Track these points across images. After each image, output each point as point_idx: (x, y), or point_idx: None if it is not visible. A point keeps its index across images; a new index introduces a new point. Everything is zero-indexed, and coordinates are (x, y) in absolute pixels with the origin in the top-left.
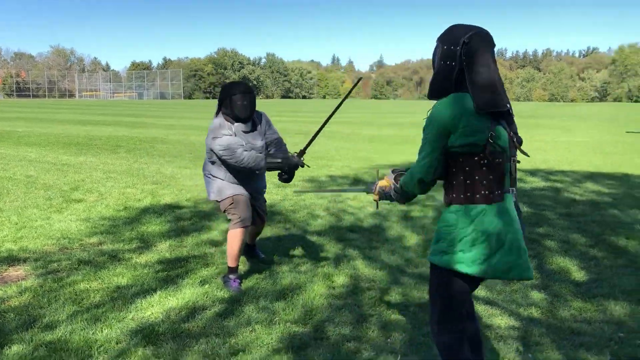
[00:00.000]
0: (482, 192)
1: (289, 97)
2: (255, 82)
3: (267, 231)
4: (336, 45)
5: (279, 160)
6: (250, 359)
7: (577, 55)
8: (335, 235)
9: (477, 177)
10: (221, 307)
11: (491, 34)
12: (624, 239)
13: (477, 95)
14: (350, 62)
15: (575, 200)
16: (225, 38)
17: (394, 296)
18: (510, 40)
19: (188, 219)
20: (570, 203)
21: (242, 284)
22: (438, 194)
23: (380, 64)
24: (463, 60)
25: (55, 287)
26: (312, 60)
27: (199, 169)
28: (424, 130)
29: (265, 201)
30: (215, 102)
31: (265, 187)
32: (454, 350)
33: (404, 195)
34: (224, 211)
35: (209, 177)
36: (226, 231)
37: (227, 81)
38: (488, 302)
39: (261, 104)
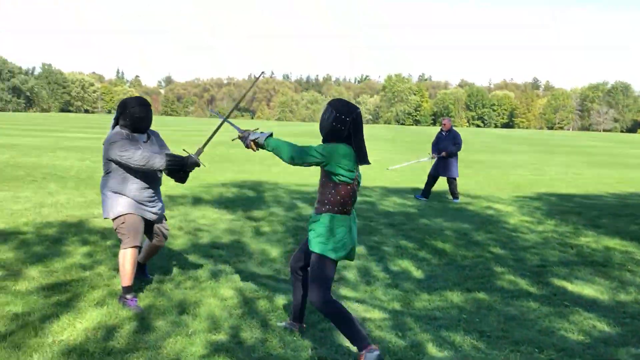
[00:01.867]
0: (345, 207)
1: (70, 111)
2: (29, 94)
3: None
4: (120, 59)
5: (182, 157)
6: None
7: (353, 81)
8: (200, 252)
9: (344, 199)
10: (133, 324)
11: None
12: (441, 242)
13: (359, 154)
14: (137, 77)
15: (390, 212)
16: None
17: (280, 302)
18: (293, 66)
19: (39, 244)
20: (388, 214)
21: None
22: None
23: (169, 80)
24: (350, 129)
25: None
26: (94, 73)
27: (17, 191)
28: (323, 141)
29: (166, 220)
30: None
31: (163, 210)
32: (339, 311)
33: (263, 148)
34: (115, 229)
35: (104, 194)
36: (89, 254)
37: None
38: (359, 300)
39: (37, 118)
